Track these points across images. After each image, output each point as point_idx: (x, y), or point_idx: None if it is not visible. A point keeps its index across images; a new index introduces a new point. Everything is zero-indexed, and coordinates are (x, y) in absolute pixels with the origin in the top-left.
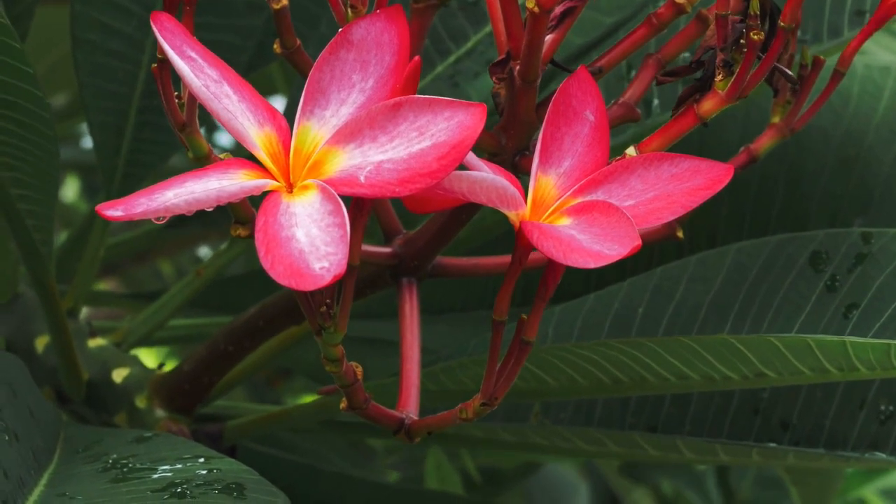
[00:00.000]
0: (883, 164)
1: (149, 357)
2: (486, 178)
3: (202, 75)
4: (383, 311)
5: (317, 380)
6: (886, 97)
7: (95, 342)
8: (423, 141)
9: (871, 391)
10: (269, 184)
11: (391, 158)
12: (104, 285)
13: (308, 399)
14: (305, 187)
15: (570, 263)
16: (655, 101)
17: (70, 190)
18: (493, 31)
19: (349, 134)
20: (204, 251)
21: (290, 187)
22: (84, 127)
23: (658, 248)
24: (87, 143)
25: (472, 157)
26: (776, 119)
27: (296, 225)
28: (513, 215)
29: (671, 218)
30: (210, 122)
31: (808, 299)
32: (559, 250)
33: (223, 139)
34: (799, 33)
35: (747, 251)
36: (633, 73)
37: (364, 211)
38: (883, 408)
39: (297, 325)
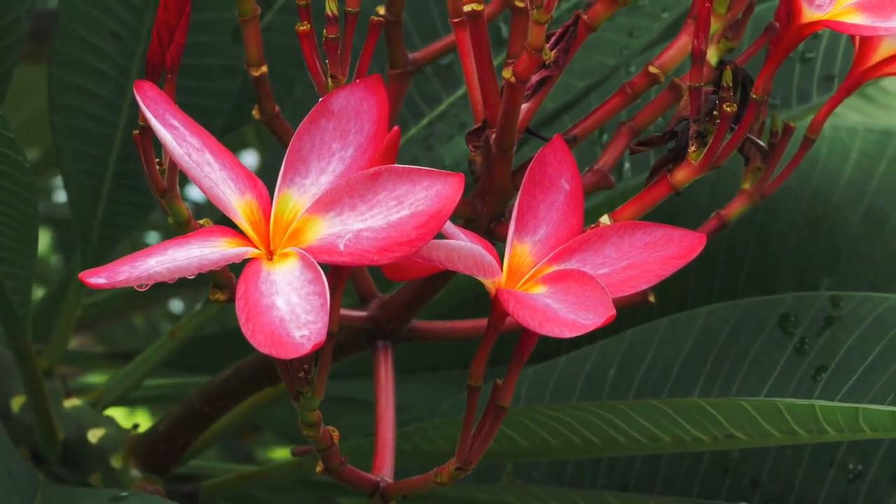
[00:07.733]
0: (850, 224)
1: (124, 417)
2: (464, 247)
3: (184, 143)
4: (355, 371)
5: (286, 437)
6: (854, 158)
7: (71, 402)
8: (401, 210)
9: (840, 450)
10: (249, 251)
11: (370, 227)
12: (77, 341)
13: (279, 454)
14: (285, 255)
15: (545, 333)
16: (627, 165)
17: (41, 243)
18: (466, 94)
19: (329, 202)
20: (176, 304)
21: (271, 255)
22: (56, 181)
23: (629, 310)
24: (60, 196)
25: (448, 225)
26: (746, 185)
27: (276, 293)
28: (489, 283)
29: (645, 287)
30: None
31: (777, 362)
32: (535, 319)
33: (193, 193)
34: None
35: (717, 314)
36: (606, 137)
37: (342, 278)
38: (851, 466)
39: (272, 385)
